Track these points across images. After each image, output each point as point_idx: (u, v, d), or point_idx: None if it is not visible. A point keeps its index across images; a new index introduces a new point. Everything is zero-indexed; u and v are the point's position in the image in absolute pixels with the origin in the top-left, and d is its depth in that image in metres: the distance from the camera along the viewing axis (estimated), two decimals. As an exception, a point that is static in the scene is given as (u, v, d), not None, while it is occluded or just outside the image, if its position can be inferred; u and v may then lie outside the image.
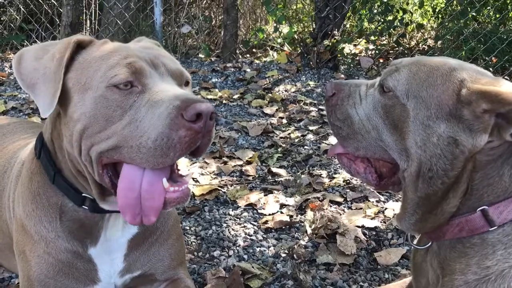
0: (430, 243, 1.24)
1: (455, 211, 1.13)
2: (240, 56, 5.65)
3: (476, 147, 1.06)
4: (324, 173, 2.78)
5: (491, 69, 5.32)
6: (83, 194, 1.27)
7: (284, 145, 3.20)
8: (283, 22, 5.21)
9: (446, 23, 5.95)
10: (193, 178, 2.63)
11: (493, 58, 5.38)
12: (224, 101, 4.14)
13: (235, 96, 4.28)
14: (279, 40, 5.75)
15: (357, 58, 5.57)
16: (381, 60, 5.83)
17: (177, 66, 1.27)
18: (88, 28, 5.56)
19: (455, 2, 5.89)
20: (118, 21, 5.18)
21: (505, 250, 1.05)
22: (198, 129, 1.06)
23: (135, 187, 1.11)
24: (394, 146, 1.18)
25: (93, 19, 5.56)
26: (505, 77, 5.27)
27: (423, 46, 6.63)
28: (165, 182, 1.12)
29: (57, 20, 5.64)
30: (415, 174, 1.13)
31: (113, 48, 1.20)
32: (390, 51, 6.42)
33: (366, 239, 2.09)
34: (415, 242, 1.35)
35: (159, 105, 1.09)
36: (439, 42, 6.25)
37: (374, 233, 2.15)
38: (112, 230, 1.36)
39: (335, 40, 4.87)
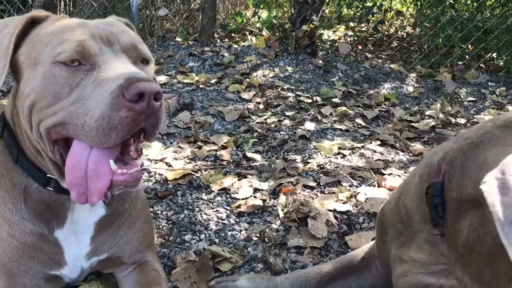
0: None
1: None
2: (219, 41, 5.60)
3: None
4: (298, 158, 2.79)
5: (467, 56, 5.39)
6: (48, 175, 1.24)
7: (260, 130, 3.19)
8: (262, 6, 5.16)
9: (424, 10, 5.97)
10: (166, 163, 2.61)
11: (469, 46, 5.44)
12: (201, 86, 4.10)
13: (212, 81, 4.24)
14: (258, 25, 5.71)
15: (336, 44, 5.57)
16: (359, 47, 5.84)
17: (132, 41, 1.22)
18: (62, 10, 5.43)
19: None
20: (93, 3, 5.07)
21: None
22: (140, 109, 1.02)
23: (82, 166, 1.09)
24: None
25: (67, 0, 5.43)
26: (481, 64, 5.34)
27: (402, 33, 6.67)
28: (112, 164, 1.09)
29: (30, 0, 5.48)
30: None
31: (67, 24, 1.16)
32: (369, 38, 6.44)
33: (337, 222, 2.10)
34: None
35: (104, 83, 1.05)
36: (417, 29, 6.29)
37: (345, 217, 2.16)
38: (79, 211, 1.33)
39: (313, 26, 4.85)
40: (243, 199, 2.28)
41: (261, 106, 3.75)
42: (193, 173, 2.51)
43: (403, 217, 1.29)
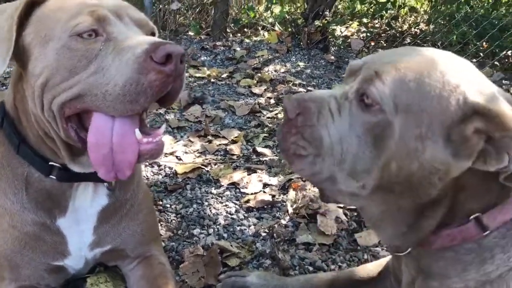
0: (409, 250, 1.13)
1: (442, 223, 1.03)
2: (231, 35, 5.59)
3: (456, 173, 0.94)
4: (309, 154, 2.76)
5: (481, 54, 5.31)
6: (50, 163, 1.24)
7: (270, 125, 3.17)
8: (274, 1, 5.13)
9: (439, 7, 5.90)
10: (176, 156, 2.60)
11: (484, 43, 5.35)
12: (212, 80, 4.09)
13: (224, 75, 4.23)
14: (270, 20, 5.68)
15: (348, 40, 5.52)
16: (372, 43, 5.79)
17: (142, 16, 1.24)
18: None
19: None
20: (106, -4, 5.08)
21: (503, 254, 0.98)
22: (169, 71, 1.03)
23: (106, 141, 1.08)
24: (358, 169, 0.99)
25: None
26: (495, 62, 5.26)
27: (415, 30, 6.59)
28: (137, 133, 1.09)
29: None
30: (374, 197, 1.02)
31: (71, 0, 1.16)
32: (382, 34, 6.37)
33: (347, 220, 2.08)
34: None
35: (126, 51, 1.05)
36: (431, 26, 6.21)
37: (355, 214, 2.14)
38: (81, 199, 1.33)
39: (326, 21, 4.82)
40: (252, 194, 2.26)
41: (272, 101, 3.72)
42: (202, 167, 2.50)
43: None
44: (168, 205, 2.13)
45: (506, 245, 0.98)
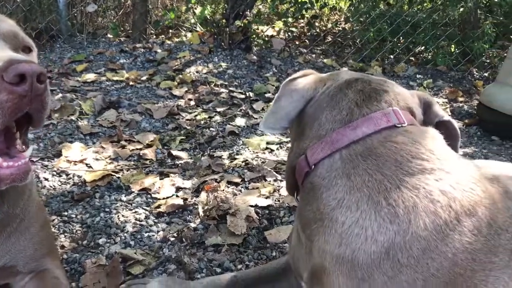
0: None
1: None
2: (155, 37, 5.48)
3: None
4: (225, 154, 2.76)
5: (398, 50, 5.56)
6: None
7: (189, 128, 3.14)
8: (193, 1, 5.09)
9: (356, 5, 6.10)
10: (86, 164, 2.51)
11: (401, 39, 5.60)
12: (131, 83, 3.99)
13: (143, 78, 4.14)
14: (192, 21, 5.63)
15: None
16: (297, 42, 5.89)
17: (12, 29, 1.17)
18: (-17, 6, 5.12)
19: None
20: (17, -2, 4.82)
21: (326, 193, 1.07)
22: (22, 92, 0.98)
23: None
24: None
25: (-12, -5, 5.13)
26: (410, 58, 5.52)
27: (338, 28, 6.78)
28: None
29: None
30: None
31: None
32: (307, 33, 6.50)
33: (258, 218, 2.09)
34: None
35: None
36: (350, 24, 6.41)
37: (267, 211, 2.16)
38: None
39: (247, 21, 4.84)
40: (163, 198, 2.22)
41: (192, 103, 3.69)
42: (113, 174, 2.42)
43: None
44: (74, 215, 2.05)
45: (328, 185, 1.09)
